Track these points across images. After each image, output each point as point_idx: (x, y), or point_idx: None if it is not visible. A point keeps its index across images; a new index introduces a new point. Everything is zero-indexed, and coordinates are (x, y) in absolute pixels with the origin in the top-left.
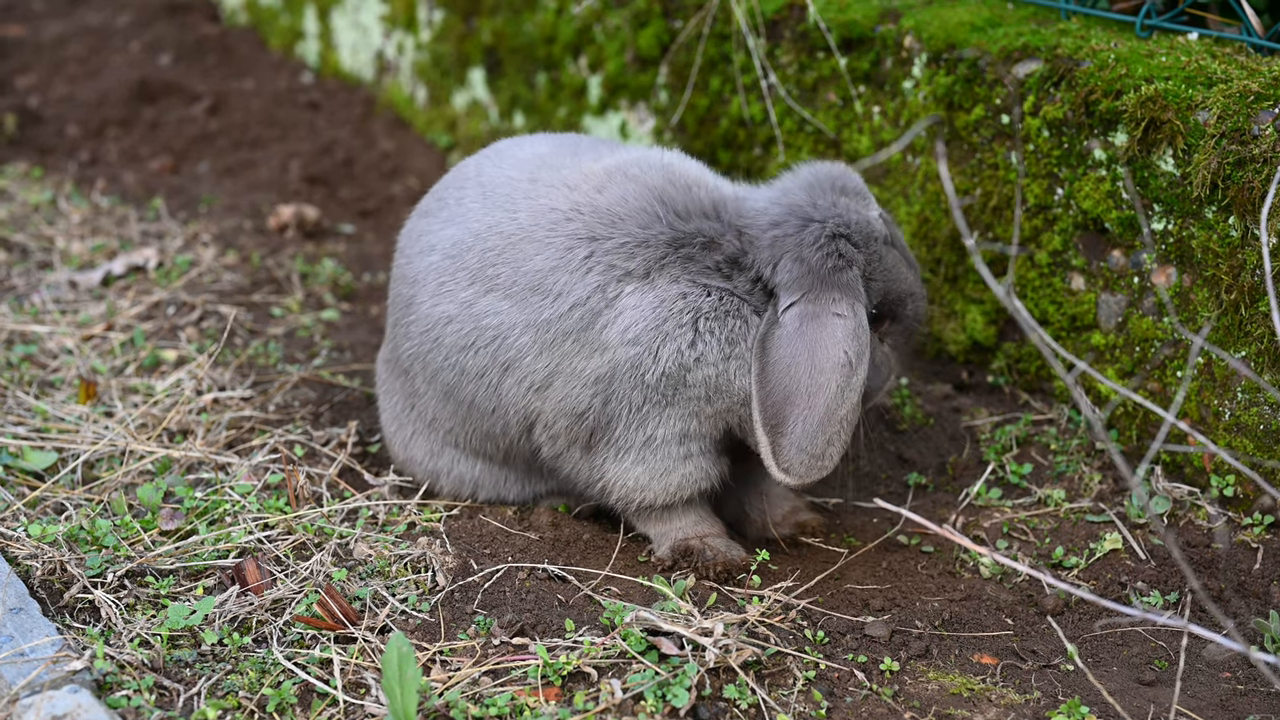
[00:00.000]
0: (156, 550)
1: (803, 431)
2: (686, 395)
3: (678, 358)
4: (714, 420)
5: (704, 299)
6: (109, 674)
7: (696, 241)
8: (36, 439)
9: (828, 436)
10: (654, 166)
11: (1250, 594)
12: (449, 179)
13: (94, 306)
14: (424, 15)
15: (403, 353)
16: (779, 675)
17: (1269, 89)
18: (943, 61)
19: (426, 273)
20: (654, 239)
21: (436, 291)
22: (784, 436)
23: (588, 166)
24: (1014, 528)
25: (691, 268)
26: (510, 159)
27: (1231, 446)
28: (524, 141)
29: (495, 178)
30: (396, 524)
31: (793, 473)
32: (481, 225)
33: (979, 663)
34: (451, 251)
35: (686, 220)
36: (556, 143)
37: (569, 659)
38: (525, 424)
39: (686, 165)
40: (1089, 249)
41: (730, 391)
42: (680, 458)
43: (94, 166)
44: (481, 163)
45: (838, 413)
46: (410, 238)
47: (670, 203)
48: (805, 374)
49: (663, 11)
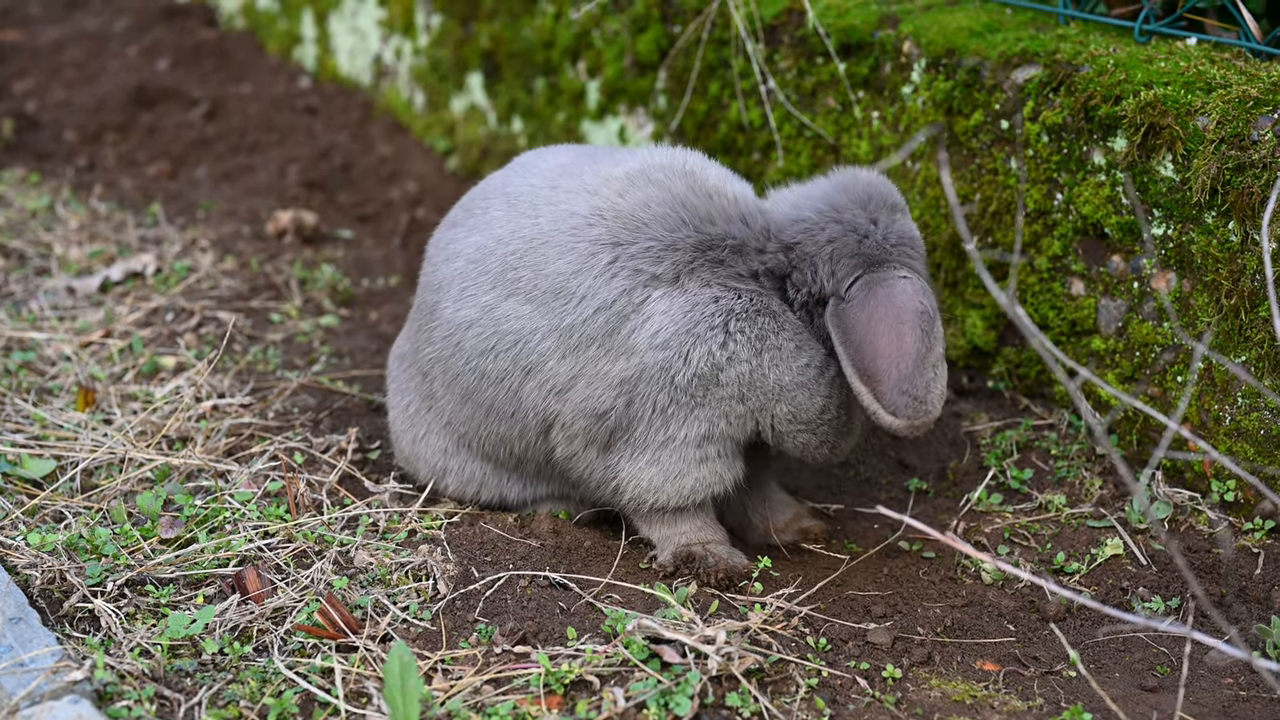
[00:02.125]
0: (156, 559)
1: (899, 375)
2: (719, 395)
3: (709, 359)
4: (744, 421)
5: (735, 301)
6: (109, 684)
7: (726, 245)
8: (35, 447)
9: (925, 380)
10: (677, 171)
11: (1252, 599)
12: (476, 191)
13: (92, 313)
14: (422, 20)
15: (423, 356)
16: (781, 683)
17: (1268, 94)
18: (942, 67)
19: (450, 279)
20: (681, 243)
21: (459, 297)
22: (882, 384)
23: (608, 171)
24: (1015, 533)
25: (721, 272)
26: (534, 169)
27: (1232, 451)
28: (547, 152)
29: (519, 188)
30: (397, 531)
31: (900, 414)
32: (505, 231)
33: (981, 669)
34: (475, 257)
35: (713, 224)
36: (577, 152)
37: (571, 667)
38: (543, 426)
39: (708, 169)
40: (1089, 254)
41: (764, 387)
42: (697, 460)
43: (91, 172)
44: (508, 174)
45: (929, 357)
46: (437, 246)
47: (694, 207)
48: (889, 326)
49: (661, 16)
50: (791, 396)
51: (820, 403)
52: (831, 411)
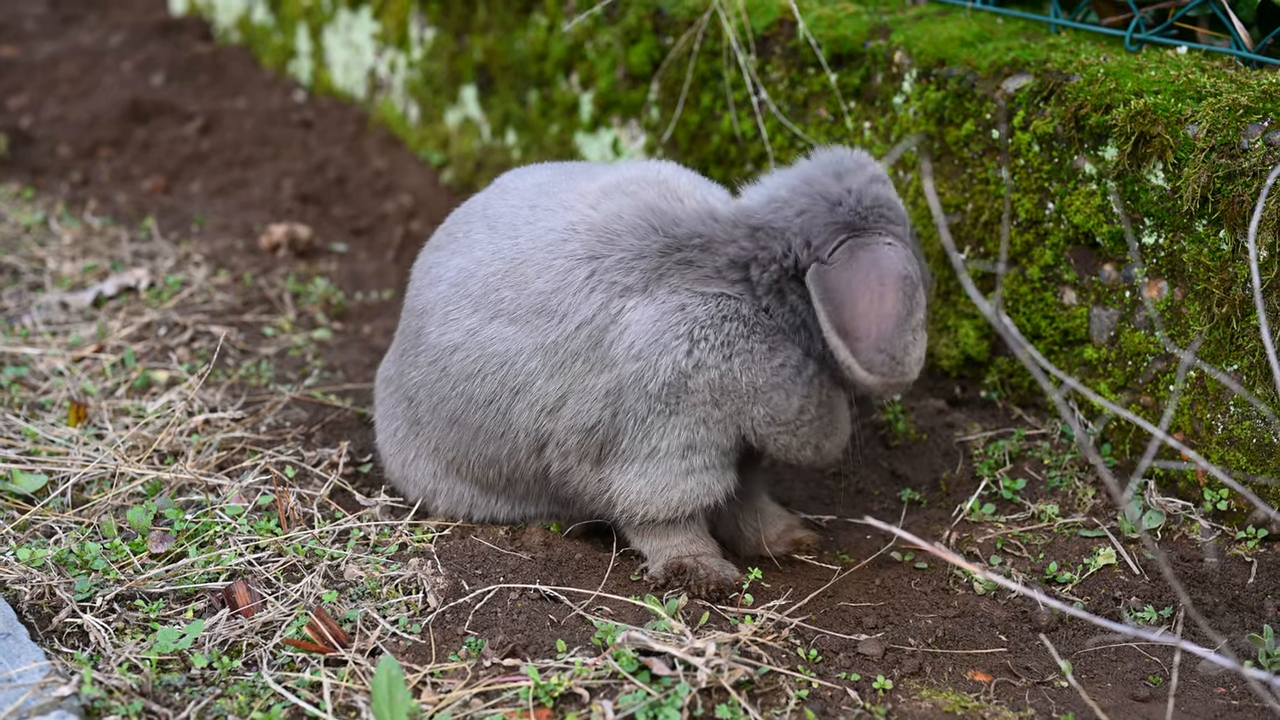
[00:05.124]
0: (146, 573)
1: (879, 334)
2: (691, 401)
3: (675, 368)
4: (724, 425)
5: (700, 308)
6: (97, 699)
7: (693, 244)
8: (26, 462)
9: (904, 342)
10: (649, 181)
11: (1245, 608)
12: (459, 214)
13: (85, 328)
14: (416, 33)
15: (408, 381)
16: (771, 695)
17: (1258, 102)
18: (933, 77)
19: (434, 303)
20: (649, 250)
21: (443, 321)
22: (860, 340)
23: (583, 186)
24: (1008, 543)
25: (690, 274)
26: (514, 190)
27: (1225, 460)
28: (526, 173)
29: (500, 209)
30: (388, 545)
31: (875, 370)
32: (485, 253)
33: (973, 680)
34: (457, 280)
35: (679, 226)
36: (556, 170)
37: (560, 680)
38: (536, 446)
39: (681, 177)
40: (1081, 263)
41: (738, 391)
42: (683, 473)
43: (86, 187)
44: (489, 197)
45: (909, 321)
46: (420, 270)
47: (662, 213)
48: (872, 287)
49: (653, 28)
50: (767, 398)
51: (798, 403)
52: (811, 411)
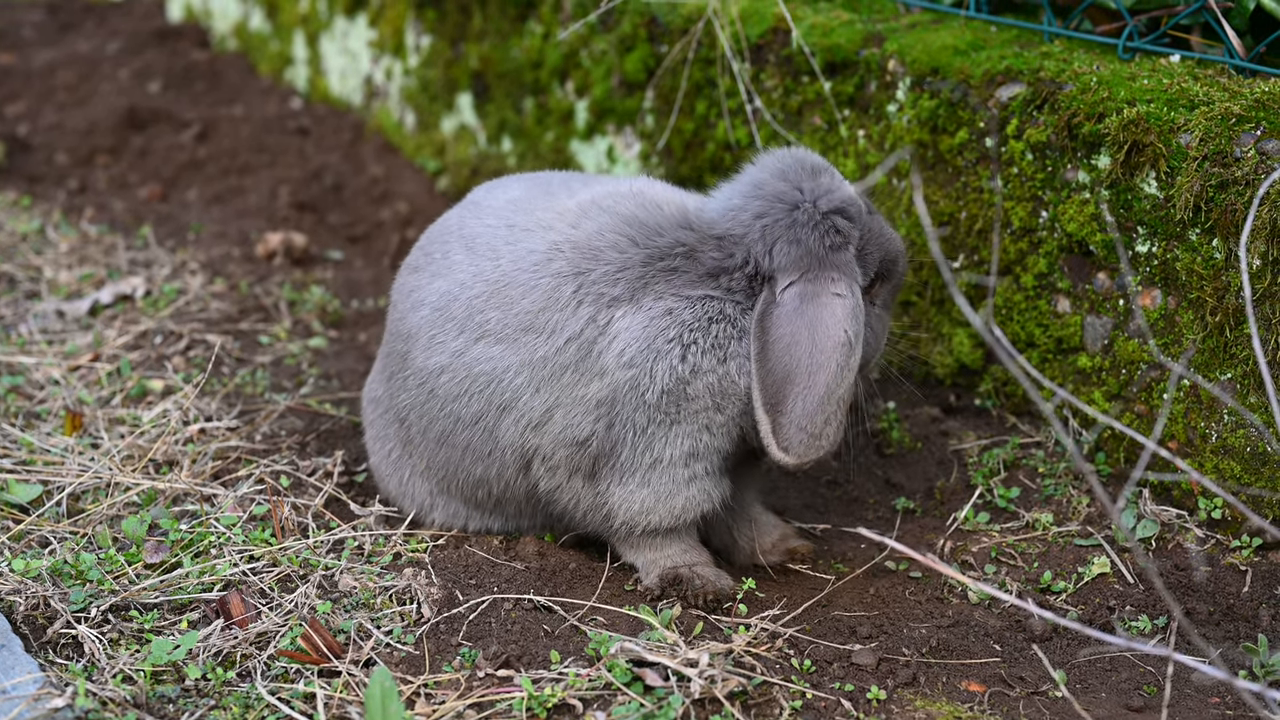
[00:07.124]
0: (141, 584)
1: (802, 410)
2: (693, 408)
3: (672, 373)
4: (727, 429)
5: (687, 311)
6: (91, 711)
7: (676, 253)
8: (22, 471)
9: (825, 416)
10: (625, 195)
11: (1239, 617)
12: (434, 233)
13: (81, 336)
14: (412, 41)
15: (399, 403)
16: (765, 705)
17: (1251, 111)
18: (926, 85)
19: (419, 328)
20: (632, 261)
21: (428, 345)
22: (784, 415)
23: (561, 204)
24: (1002, 552)
25: (676, 280)
26: (488, 209)
27: (1219, 469)
28: (497, 187)
29: (476, 229)
30: (382, 555)
31: (791, 451)
32: (467, 276)
33: (967, 690)
34: (440, 304)
35: (661, 235)
36: (529, 184)
37: (554, 691)
38: (522, 462)
39: (654, 189)
40: (1074, 272)
41: (737, 393)
42: (685, 480)
43: (82, 195)
44: (463, 215)
45: (836, 392)
46: (402, 293)
47: (642, 224)
48: (806, 353)
49: (648, 36)
50: None
51: None
52: None
